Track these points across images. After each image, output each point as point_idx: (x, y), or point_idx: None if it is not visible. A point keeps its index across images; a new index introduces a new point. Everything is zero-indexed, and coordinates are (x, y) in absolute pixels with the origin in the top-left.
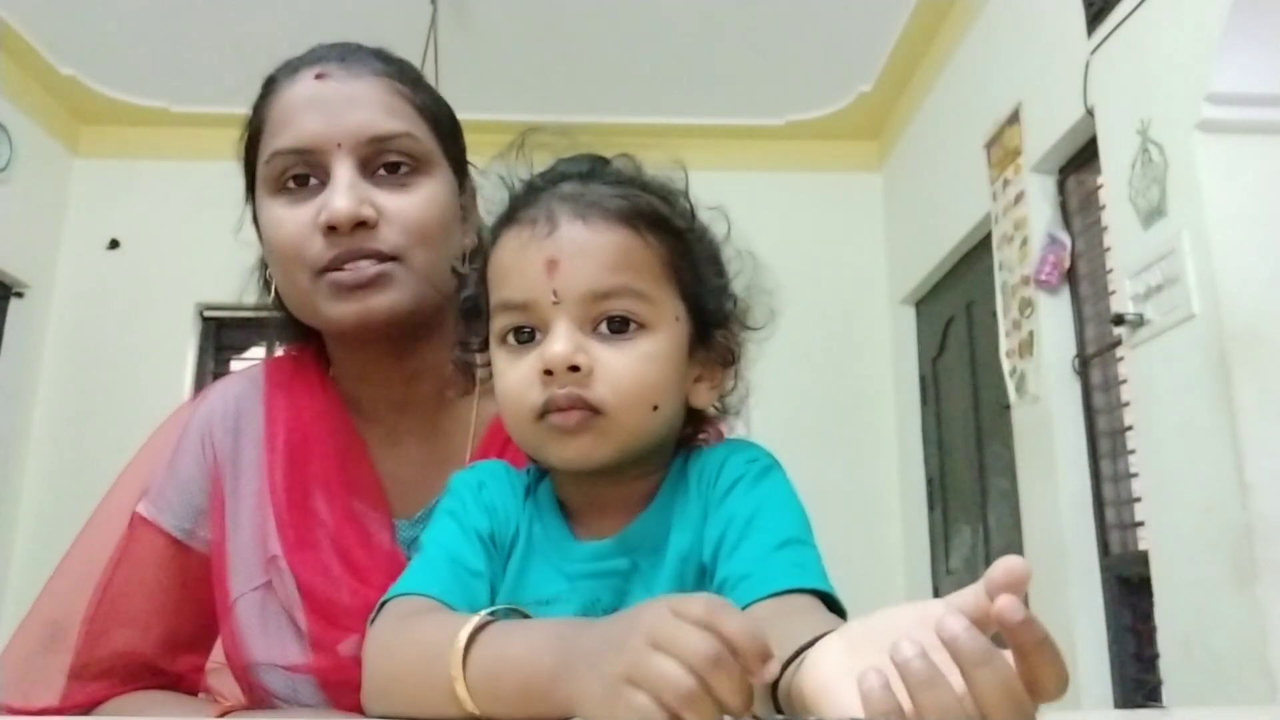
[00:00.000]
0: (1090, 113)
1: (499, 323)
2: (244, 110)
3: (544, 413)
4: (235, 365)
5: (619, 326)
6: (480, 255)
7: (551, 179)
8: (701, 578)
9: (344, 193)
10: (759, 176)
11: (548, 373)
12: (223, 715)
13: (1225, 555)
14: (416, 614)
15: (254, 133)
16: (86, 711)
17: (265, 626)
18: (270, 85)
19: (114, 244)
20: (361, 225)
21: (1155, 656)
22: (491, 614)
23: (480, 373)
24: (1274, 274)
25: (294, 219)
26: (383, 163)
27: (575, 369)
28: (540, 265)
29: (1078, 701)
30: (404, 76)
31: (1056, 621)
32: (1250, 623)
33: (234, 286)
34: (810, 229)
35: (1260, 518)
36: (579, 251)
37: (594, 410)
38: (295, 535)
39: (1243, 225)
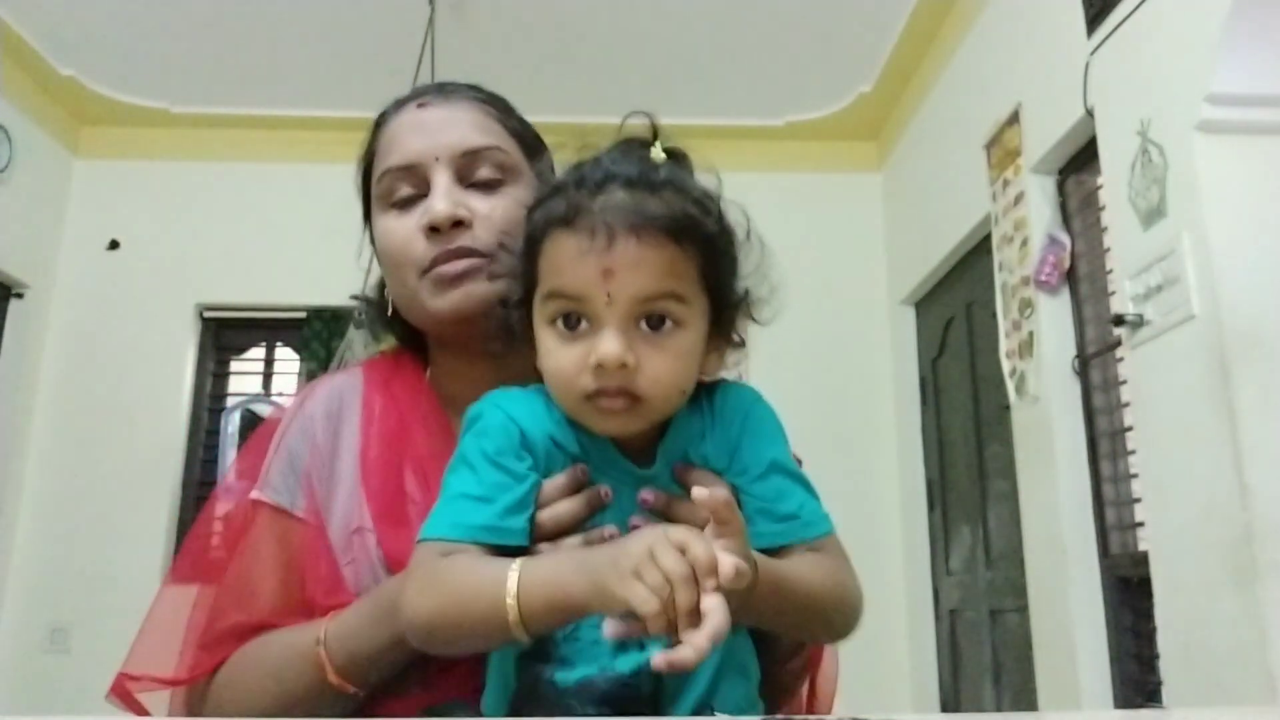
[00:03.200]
0: (1090, 113)
1: (551, 307)
2: (244, 110)
3: (593, 395)
4: (235, 365)
5: (657, 323)
6: (528, 240)
7: (601, 181)
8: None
9: (442, 197)
10: (759, 177)
11: (599, 365)
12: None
13: (1225, 556)
14: (453, 556)
15: (367, 162)
16: (212, 673)
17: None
18: (381, 119)
19: (114, 244)
20: (458, 225)
21: (1155, 657)
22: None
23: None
24: (1274, 274)
25: (402, 226)
26: (476, 173)
27: (624, 366)
28: (597, 272)
29: (1078, 702)
30: (494, 102)
31: (1056, 621)
32: (1250, 623)
33: (234, 287)
34: (810, 229)
35: (1260, 518)
36: (632, 264)
37: (636, 398)
38: (385, 510)
39: (1243, 225)
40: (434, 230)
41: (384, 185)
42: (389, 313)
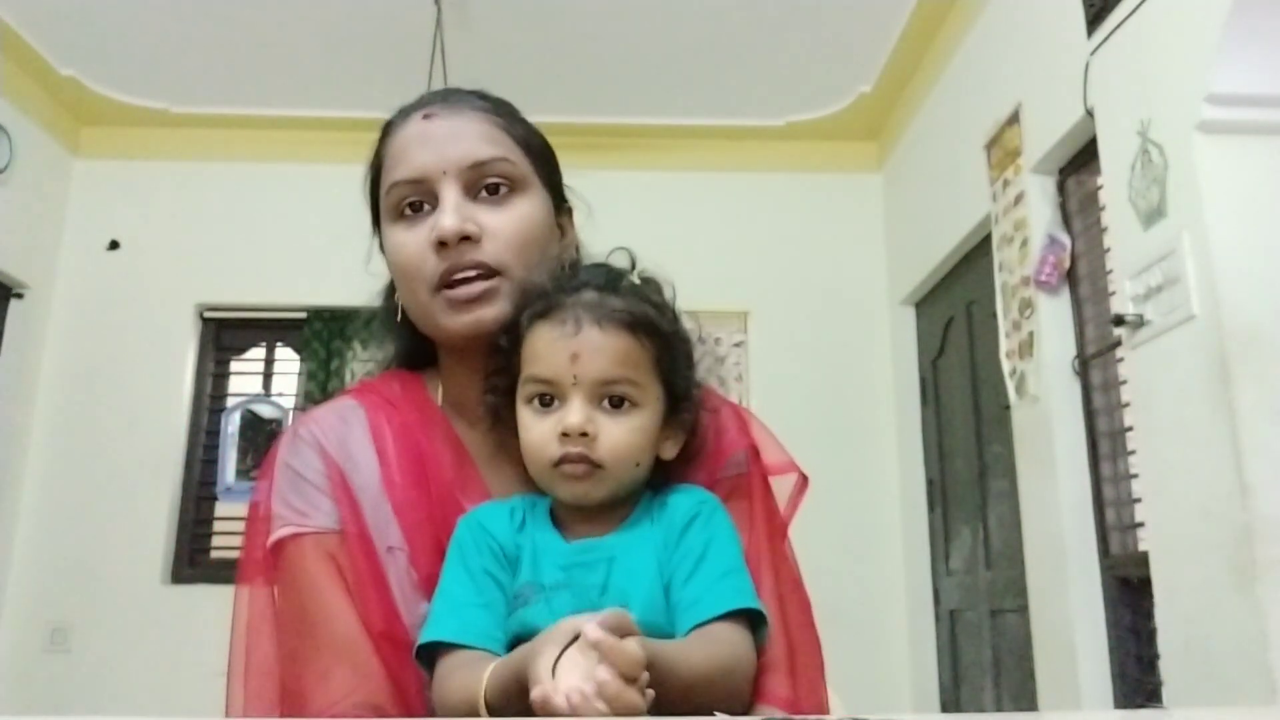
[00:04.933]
0: (1090, 113)
1: (528, 389)
2: (244, 110)
3: (559, 463)
4: (235, 366)
5: (617, 403)
6: (513, 335)
7: (576, 286)
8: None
9: (450, 212)
10: (759, 177)
11: (565, 435)
12: None
13: (1225, 556)
14: (456, 668)
15: (375, 171)
16: None
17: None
18: (387, 129)
19: (114, 244)
20: (466, 240)
21: (1155, 657)
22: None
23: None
24: (1274, 274)
25: (412, 240)
26: (484, 185)
27: (585, 434)
28: (566, 356)
29: (1078, 702)
30: (500, 111)
31: (1056, 621)
32: (1250, 623)
33: (234, 287)
34: (810, 229)
35: (1260, 518)
36: (595, 350)
37: (595, 465)
38: (418, 533)
39: (1243, 225)
40: (443, 245)
41: (393, 198)
42: (399, 316)
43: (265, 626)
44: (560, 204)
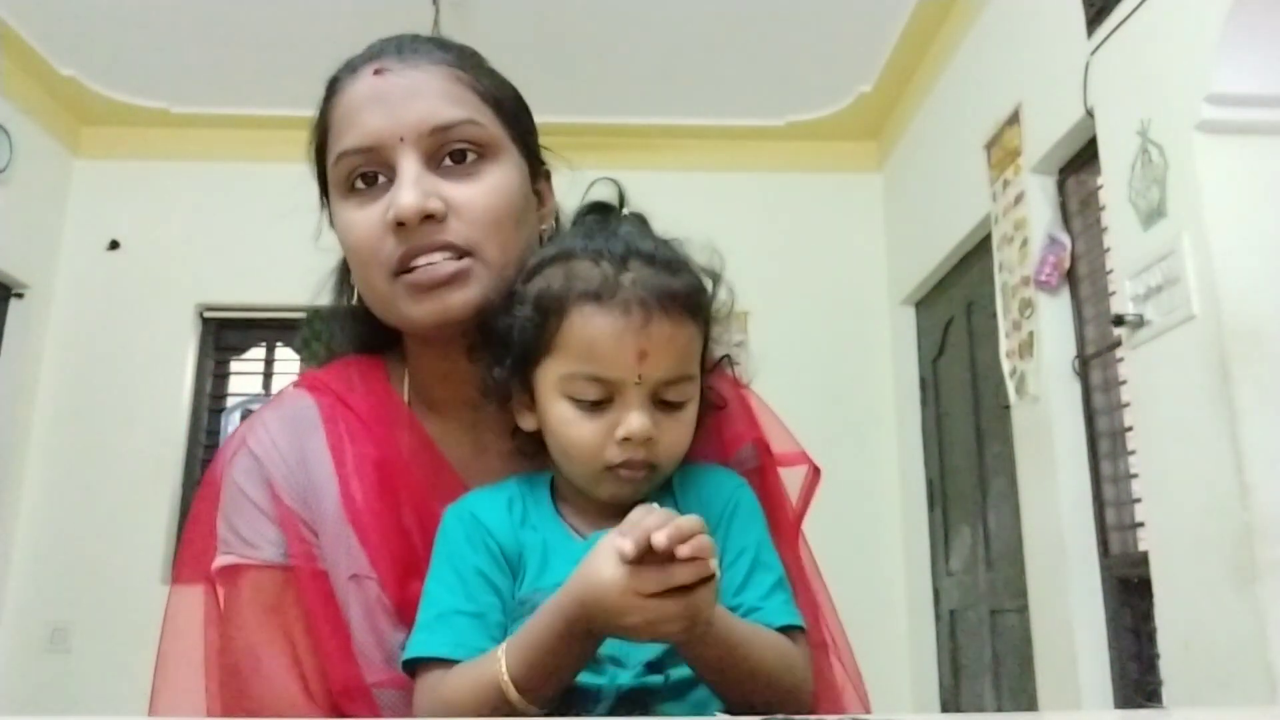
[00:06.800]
0: (1090, 113)
1: (575, 385)
2: (244, 110)
3: (614, 466)
4: (235, 365)
5: (673, 397)
6: (539, 305)
7: (623, 256)
8: None
9: (409, 187)
10: (759, 177)
11: (626, 439)
12: None
13: (1225, 555)
14: (451, 676)
15: (321, 137)
16: None
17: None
18: (332, 86)
19: (114, 244)
20: (430, 219)
21: (1155, 657)
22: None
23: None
24: (1274, 274)
25: (365, 220)
26: (448, 152)
27: (649, 439)
28: (634, 354)
29: (1078, 702)
30: (464, 63)
31: (1056, 621)
32: (1250, 623)
33: (234, 287)
34: (810, 229)
35: (1260, 518)
36: (664, 346)
37: (653, 467)
38: (388, 554)
39: (1243, 225)
40: (401, 225)
41: (341, 169)
42: (354, 299)
43: (172, 627)
44: (536, 167)
